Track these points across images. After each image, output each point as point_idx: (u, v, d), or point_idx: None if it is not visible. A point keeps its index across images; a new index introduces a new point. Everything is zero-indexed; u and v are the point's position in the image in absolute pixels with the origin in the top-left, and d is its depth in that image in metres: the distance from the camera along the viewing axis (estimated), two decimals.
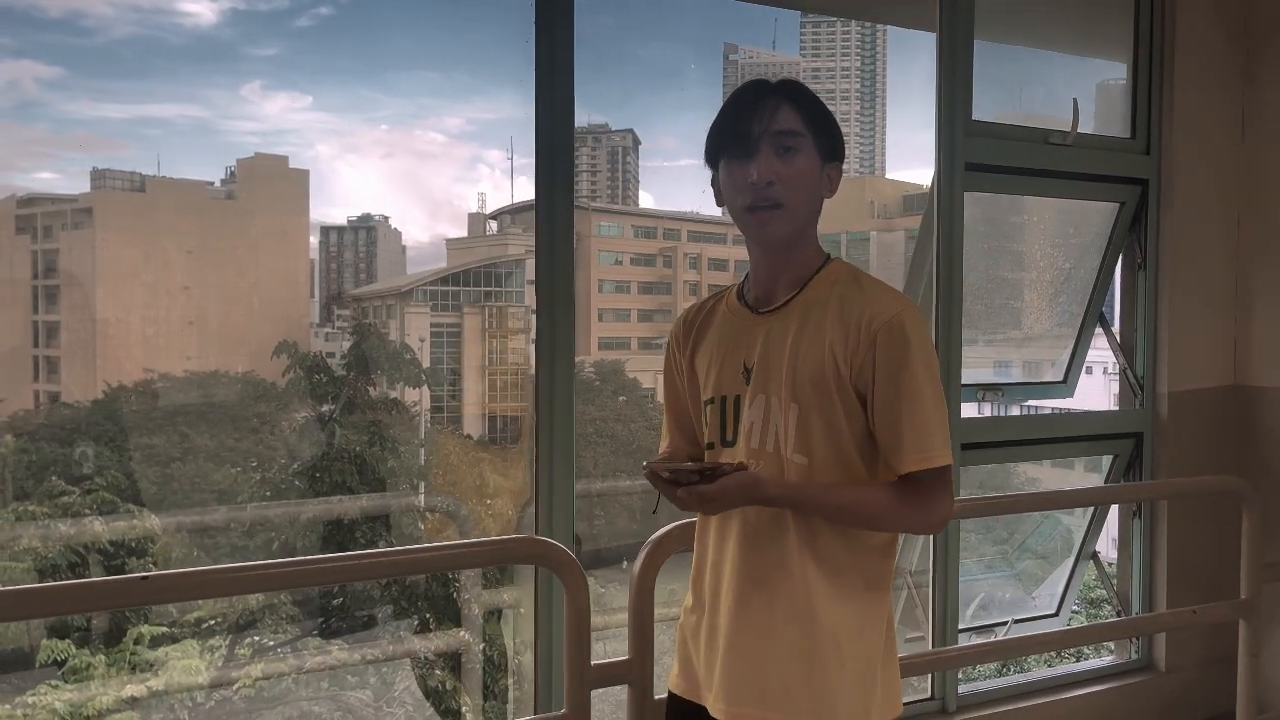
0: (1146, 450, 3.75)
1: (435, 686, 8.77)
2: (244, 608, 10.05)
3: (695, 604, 1.91)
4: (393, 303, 28.03)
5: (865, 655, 1.77)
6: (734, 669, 1.80)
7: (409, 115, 49.84)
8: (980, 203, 3.65)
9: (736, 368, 1.83)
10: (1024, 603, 4.36)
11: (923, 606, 3.56)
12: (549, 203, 2.81)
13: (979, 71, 3.37)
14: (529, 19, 2.80)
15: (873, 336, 1.71)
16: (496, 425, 25.01)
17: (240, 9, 34.61)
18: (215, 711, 9.42)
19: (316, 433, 11.04)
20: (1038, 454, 3.79)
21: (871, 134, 42.78)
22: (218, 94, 37.64)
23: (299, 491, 10.85)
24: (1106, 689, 3.70)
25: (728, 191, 1.81)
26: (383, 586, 9.53)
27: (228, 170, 32.34)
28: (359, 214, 42.40)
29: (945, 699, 3.37)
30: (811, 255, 1.83)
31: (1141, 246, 3.75)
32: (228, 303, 27.26)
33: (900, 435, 1.71)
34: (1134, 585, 3.81)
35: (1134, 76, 3.75)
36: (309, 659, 9.71)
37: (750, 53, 43.58)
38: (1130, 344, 3.81)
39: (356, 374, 11.39)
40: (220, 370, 21.35)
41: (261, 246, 32.93)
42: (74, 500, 11.17)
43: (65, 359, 22.02)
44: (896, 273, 36.05)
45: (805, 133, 1.76)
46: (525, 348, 28.69)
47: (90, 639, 10.38)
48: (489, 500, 12.51)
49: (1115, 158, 3.70)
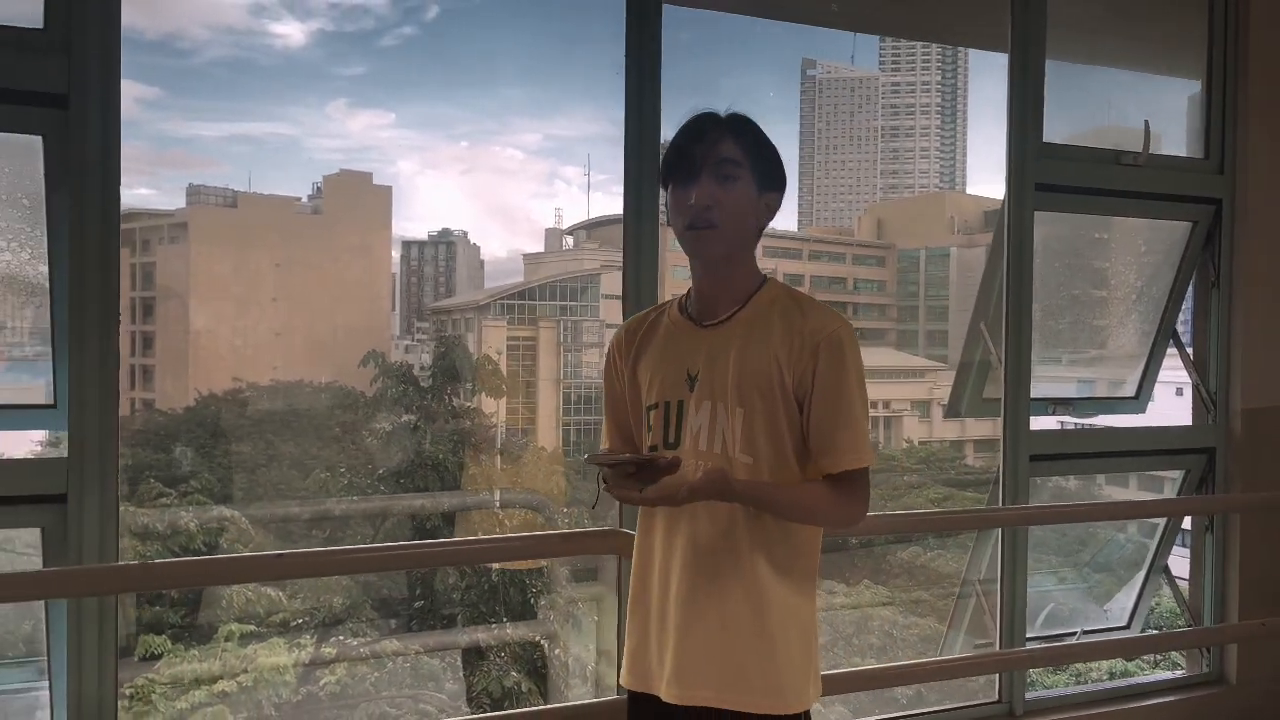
0: (1219, 466, 3.79)
1: (511, 687, 8.98)
2: (328, 609, 10.39)
3: (641, 597, 2.02)
4: (471, 316, 28.51)
5: (806, 638, 1.94)
6: (687, 655, 1.91)
7: (488, 132, 50.43)
8: (1052, 221, 3.73)
9: (680, 375, 1.98)
10: (1095, 615, 4.40)
11: (990, 613, 3.64)
12: (636, 219, 2.96)
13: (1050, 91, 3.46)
14: (610, 34, 2.97)
15: (814, 348, 1.89)
16: (570, 437, 25.26)
17: (328, 30, 35.45)
18: (302, 706, 9.74)
19: (403, 439, 11.38)
20: (1109, 467, 3.85)
21: (952, 149, 42.36)
22: (305, 112, 38.65)
23: (384, 497, 11.19)
24: (1176, 700, 3.73)
25: (671, 211, 1.98)
26: (462, 590, 9.79)
27: (314, 186, 33.22)
28: (439, 229, 43.10)
29: (1012, 702, 3.45)
30: (749, 275, 2.00)
31: (1216, 265, 3.79)
32: (313, 315, 27.97)
33: (836, 437, 1.89)
34: (1205, 599, 3.84)
35: (1207, 96, 3.80)
36: (389, 659, 9.99)
37: (828, 67, 43.58)
38: (1203, 361, 3.86)
39: (443, 383, 11.72)
40: (305, 380, 21.86)
41: (345, 260, 33.68)
42: (172, 501, 11.66)
43: (159, 368, 22.85)
44: (976, 290, 35.53)
45: (744, 162, 1.93)
46: (599, 361, 28.90)
47: (184, 635, 10.79)
48: (565, 509, 12.74)
49: (1188, 177, 3.76)
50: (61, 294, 2.45)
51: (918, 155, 49.44)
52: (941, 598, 15.42)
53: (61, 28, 2.41)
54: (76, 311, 2.41)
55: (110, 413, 2.44)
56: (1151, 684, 3.82)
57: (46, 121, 2.42)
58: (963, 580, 4.15)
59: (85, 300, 2.41)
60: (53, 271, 2.49)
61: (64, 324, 2.44)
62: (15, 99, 2.39)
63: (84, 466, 2.41)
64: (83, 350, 2.41)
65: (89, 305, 2.42)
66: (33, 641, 3.10)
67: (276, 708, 10.04)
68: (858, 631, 14.88)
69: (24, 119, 2.42)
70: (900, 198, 46.83)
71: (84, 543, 2.40)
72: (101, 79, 2.42)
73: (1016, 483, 3.46)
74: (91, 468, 2.41)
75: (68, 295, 2.41)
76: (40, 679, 2.76)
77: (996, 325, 3.57)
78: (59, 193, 2.44)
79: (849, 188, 44.25)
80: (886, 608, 15.13)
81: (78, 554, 2.40)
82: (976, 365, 3.88)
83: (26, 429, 2.53)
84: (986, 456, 28.59)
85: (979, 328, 3.73)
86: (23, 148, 2.51)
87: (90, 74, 2.41)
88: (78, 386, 2.41)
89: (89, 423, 2.41)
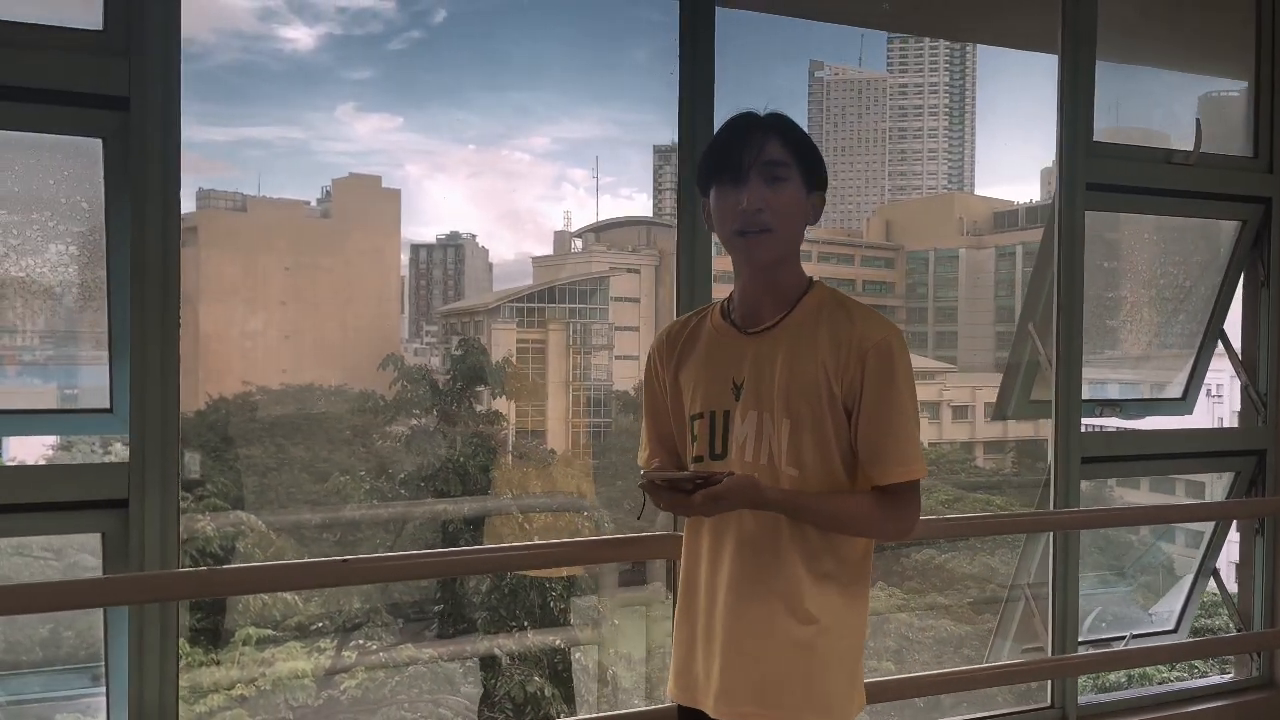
0: (1270, 467, 3.76)
1: (534, 692, 8.97)
2: (347, 613, 10.38)
3: (688, 611, 1.98)
4: (481, 319, 28.52)
5: (851, 652, 1.90)
6: (733, 669, 1.88)
7: (496, 135, 50.63)
8: (1097, 221, 3.69)
9: (725, 384, 1.92)
10: (1141, 619, 4.37)
11: (1040, 617, 3.61)
12: (692, 219, 2.94)
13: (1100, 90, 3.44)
14: (616, 37, 2.93)
15: (863, 357, 1.83)
16: (580, 439, 25.25)
17: (336, 34, 35.50)
18: (323, 710, 9.73)
19: (423, 442, 11.38)
20: (1158, 469, 3.83)
21: (960, 150, 42.30)
22: (314, 116, 38.70)
23: (405, 501, 11.19)
24: (1225, 705, 3.70)
25: (718, 217, 1.92)
26: (485, 594, 9.78)
27: (323, 190, 33.25)
28: (447, 232, 43.14)
29: (1065, 708, 3.42)
30: (797, 279, 1.94)
31: (1265, 264, 3.76)
32: (322, 318, 27.99)
33: (884, 449, 1.84)
34: (1256, 603, 3.81)
35: (1255, 94, 3.78)
36: (409, 665, 9.98)
37: (836, 69, 43.56)
38: (1253, 361, 3.83)
39: (463, 386, 11.71)
40: (315, 383, 21.87)
41: (355, 264, 33.71)
42: (188, 506, 11.65)
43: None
44: (985, 291, 35.53)
45: (792, 163, 1.88)
46: (608, 364, 28.91)
47: (201, 639, 10.77)
48: (584, 512, 12.73)
49: (1237, 176, 3.73)
50: (120, 297, 2.43)
51: (925, 156, 49.40)
52: (959, 602, 15.39)
53: (121, 29, 2.39)
54: (138, 314, 2.39)
55: (172, 417, 2.42)
56: (1200, 688, 3.78)
57: (107, 124, 2.40)
58: (1011, 584, 4.12)
59: (146, 303, 2.39)
60: (110, 274, 2.48)
61: (124, 327, 2.42)
62: (76, 101, 2.38)
63: (145, 471, 2.39)
64: (144, 354, 2.39)
65: (150, 309, 2.40)
66: (79, 648, 3.09)
67: (294, 711, 10.04)
68: (873, 634, 14.87)
69: (85, 121, 2.41)
70: (909, 199, 46.81)
71: (146, 548, 2.38)
72: (163, 80, 2.40)
73: (1069, 486, 3.42)
74: (154, 472, 2.39)
75: (129, 298, 2.39)
76: (93, 685, 2.75)
77: (1046, 326, 3.54)
78: (119, 195, 2.43)
79: (857, 189, 44.31)
80: (902, 612, 15.11)
81: (140, 559, 2.38)
82: (1025, 366, 3.85)
83: (82, 434, 2.52)
84: (995, 458, 28.58)
85: (1027, 328, 3.70)
86: (79, 150, 2.51)
87: (151, 76, 2.39)
88: (139, 391, 2.39)
89: (151, 427, 2.39)
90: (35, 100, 2.33)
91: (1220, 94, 4.08)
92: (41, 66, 2.33)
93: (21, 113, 2.34)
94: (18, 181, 2.53)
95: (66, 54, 2.35)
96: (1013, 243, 34.04)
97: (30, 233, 2.57)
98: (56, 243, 2.60)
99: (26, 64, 2.32)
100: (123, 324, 2.43)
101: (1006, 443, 28.97)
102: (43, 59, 2.33)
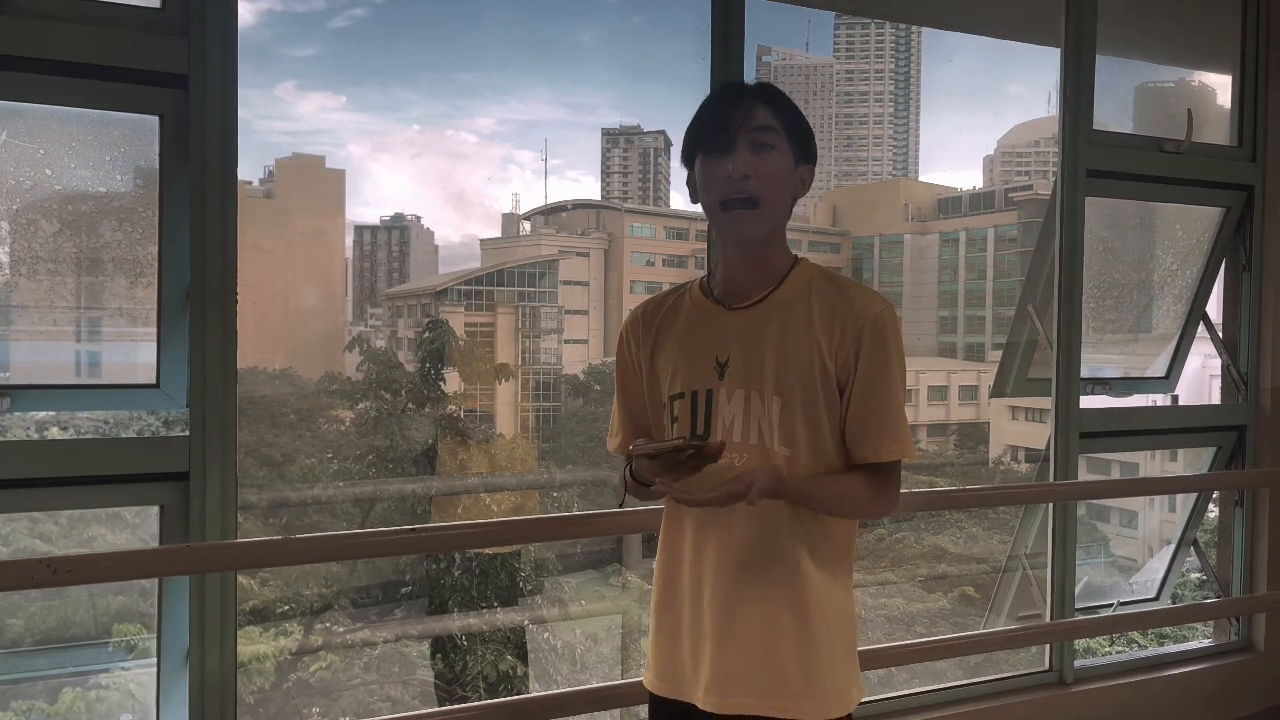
0: (1249, 442, 3.96)
1: (506, 671, 9.04)
2: (314, 595, 10.33)
3: (670, 600, 1.91)
4: (427, 302, 28.30)
5: (847, 637, 1.86)
6: (726, 659, 1.81)
7: (441, 115, 49.82)
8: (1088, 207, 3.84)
9: (708, 362, 1.85)
10: (1123, 588, 4.58)
11: (1038, 586, 3.78)
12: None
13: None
14: (568, 16, 2.97)
15: (859, 333, 1.78)
16: (529, 423, 25.26)
17: (277, 10, 34.75)
18: (291, 692, 9.70)
19: (389, 424, 11.36)
20: (1146, 444, 4.01)
21: (905, 136, 42.83)
22: (254, 94, 37.88)
23: (372, 481, 11.15)
24: (1208, 667, 3.91)
25: (704, 185, 1.84)
26: (455, 575, 9.82)
27: (266, 170, 32.65)
28: (391, 213, 42.64)
29: (1063, 670, 3.59)
30: (783, 254, 1.88)
31: (1247, 249, 3.96)
32: (265, 301, 27.57)
33: (877, 427, 1.80)
34: (1235, 571, 4.02)
35: (1240, 86, 3.96)
36: (380, 645, 9.98)
37: (784, 54, 43.85)
38: (1234, 342, 4.02)
39: (431, 367, 11.68)
40: (258, 367, 21.57)
41: (299, 245, 33.15)
42: None
43: (108, 354, 22.37)
44: (929, 276, 36.06)
45: (780, 131, 1.82)
46: (558, 347, 28.91)
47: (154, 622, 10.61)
48: (555, 494, 12.76)
49: (1221, 164, 3.91)
50: (174, 274, 2.45)
51: (871, 143, 49.97)
52: (919, 578, 15.73)
53: (179, 8, 2.41)
54: (197, 292, 2.42)
55: (231, 391, 2.45)
56: (1184, 652, 3.99)
57: (165, 101, 2.41)
58: (1008, 555, 4.30)
59: (207, 279, 2.42)
60: (163, 250, 2.49)
61: (176, 303, 2.45)
62: (134, 78, 2.38)
63: (205, 444, 2.42)
64: (204, 329, 2.42)
65: (210, 285, 2.43)
66: (110, 622, 3.07)
67: (254, 695, 9.99)
68: None
69: (143, 99, 2.41)
70: (855, 185, 47.29)
71: (207, 520, 2.42)
72: (221, 58, 2.43)
73: (1068, 459, 3.58)
74: (214, 445, 2.42)
75: (189, 275, 2.41)
76: (128, 657, 2.76)
77: (1045, 308, 3.69)
78: (176, 173, 2.45)
79: None
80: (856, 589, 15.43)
81: (200, 530, 2.42)
82: (1024, 346, 4.01)
83: (129, 409, 2.53)
84: (939, 440, 29.14)
85: (1027, 309, 3.85)
86: (134, 126, 2.51)
87: (210, 53, 2.41)
88: (200, 365, 2.42)
89: (211, 401, 2.42)
90: (94, 76, 2.35)
91: (1156, 84, 4.22)
92: (101, 44, 2.33)
93: (81, 89, 2.35)
94: (73, 156, 2.53)
95: (126, 32, 2.36)
96: (956, 229, 34.66)
97: (83, 208, 2.58)
98: (108, 219, 2.61)
99: (87, 41, 2.32)
100: (174, 301, 2.45)
101: (949, 425, 29.57)
102: (103, 36, 2.33)
